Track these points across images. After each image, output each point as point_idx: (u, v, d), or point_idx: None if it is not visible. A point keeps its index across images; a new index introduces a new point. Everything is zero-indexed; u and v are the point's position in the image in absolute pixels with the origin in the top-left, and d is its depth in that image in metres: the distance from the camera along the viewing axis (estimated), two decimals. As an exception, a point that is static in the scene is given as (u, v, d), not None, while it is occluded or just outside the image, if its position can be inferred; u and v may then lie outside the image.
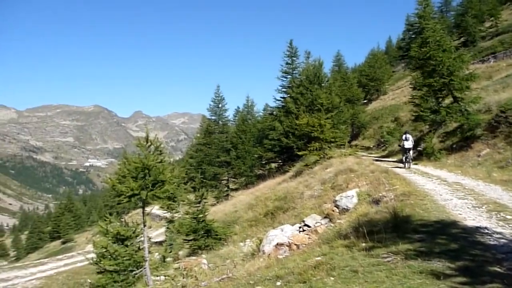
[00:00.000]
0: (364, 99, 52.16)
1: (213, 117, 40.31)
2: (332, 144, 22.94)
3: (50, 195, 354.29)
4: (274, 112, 36.13)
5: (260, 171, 38.41)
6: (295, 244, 9.82)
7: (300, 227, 11.42)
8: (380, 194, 10.88)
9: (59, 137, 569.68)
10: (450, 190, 10.99)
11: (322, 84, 28.46)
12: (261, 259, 9.69)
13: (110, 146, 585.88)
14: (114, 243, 9.99)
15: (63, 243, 63.98)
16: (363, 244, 6.46)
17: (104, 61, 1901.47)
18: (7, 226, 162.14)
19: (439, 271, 4.78)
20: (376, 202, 10.33)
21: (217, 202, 34.30)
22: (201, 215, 17.17)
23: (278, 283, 5.70)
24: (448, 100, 21.95)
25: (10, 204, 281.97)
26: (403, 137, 19.93)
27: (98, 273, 13.46)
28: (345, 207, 11.19)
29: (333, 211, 11.42)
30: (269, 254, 9.95)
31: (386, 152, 28.72)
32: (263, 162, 37.42)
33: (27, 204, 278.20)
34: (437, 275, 4.67)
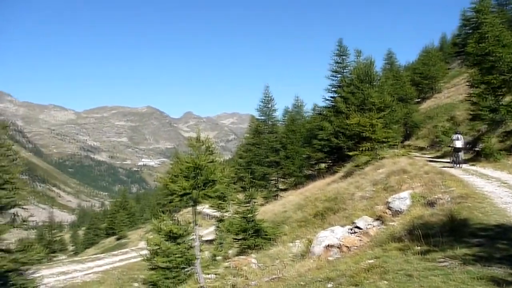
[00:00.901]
0: (418, 98, 50.52)
1: (262, 117, 40.39)
2: (384, 144, 22.39)
3: (105, 193, 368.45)
4: (324, 112, 35.72)
5: (309, 171, 38.13)
6: (346, 246, 9.67)
7: (351, 229, 11.23)
8: (435, 196, 10.51)
9: (114, 137, 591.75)
10: (511, 193, 10.45)
11: (374, 83, 27.80)
12: (311, 260, 9.61)
13: (162, 146, 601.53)
14: (167, 240, 10.23)
15: (118, 239, 66.10)
16: (418, 248, 6.27)
17: (156, 63, 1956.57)
18: (66, 222, 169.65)
19: (500, 278, 4.55)
20: (431, 204, 9.99)
21: (266, 202, 34.35)
22: (250, 215, 17.25)
23: (329, 285, 5.64)
24: (508, 98, 20.87)
25: (69, 201, 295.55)
26: (454, 137, 19.35)
27: (151, 269, 13.85)
28: (398, 209, 10.90)
29: (385, 213, 11.16)
30: (319, 256, 9.85)
31: (441, 152, 27.69)
32: (312, 163, 37.12)
33: (84, 201, 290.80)
34: (498, 281, 4.45)
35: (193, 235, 10.38)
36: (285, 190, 37.86)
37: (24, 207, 14.27)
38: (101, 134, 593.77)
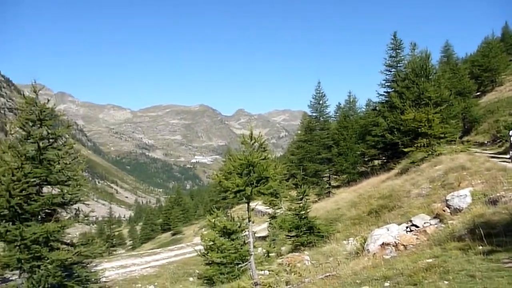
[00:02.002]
0: (477, 91, 48.25)
1: (314, 114, 40.08)
2: (441, 140, 21.60)
3: (161, 190, 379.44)
4: (377, 108, 34.97)
5: (363, 168, 37.43)
6: (402, 245, 9.43)
7: (407, 227, 10.93)
8: (498, 194, 10.02)
9: (168, 135, 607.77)
10: None
11: (430, 77, 26.87)
12: (365, 258, 9.46)
13: (215, 143, 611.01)
14: (221, 236, 10.41)
15: (173, 234, 67.81)
16: (480, 247, 6.01)
17: (209, 62, 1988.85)
18: (124, 217, 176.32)
19: None
20: (493, 202, 9.54)
21: (319, 199, 34.10)
22: (303, 212, 17.20)
23: (386, 284, 5.52)
24: None
25: (126, 197, 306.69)
26: (511, 132, 18.54)
27: (206, 264, 14.13)
28: (458, 207, 10.48)
29: (443, 211, 10.76)
30: (374, 254, 9.67)
31: (503, 148, 26.34)
32: (366, 159, 36.43)
33: (140, 198, 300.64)
34: None
35: (246, 231, 10.49)
36: (337, 187, 37.43)
37: (86, 202, 14.89)
38: (156, 132, 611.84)
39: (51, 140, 13.81)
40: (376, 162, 36.21)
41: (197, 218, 77.93)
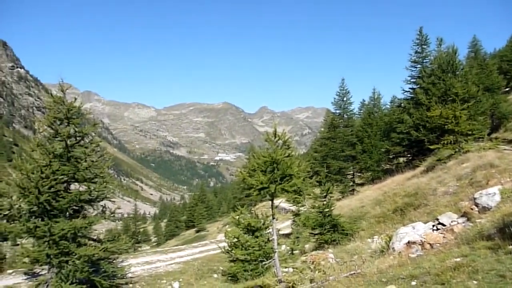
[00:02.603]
0: (506, 87, 46.98)
1: (337, 111, 39.70)
2: (468, 137, 21.13)
3: (185, 187, 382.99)
4: (402, 104, 34.47)
5: (387, 165, 36.94)
6: (429, 243, 9.27)
7: (433, 226, 10.75)
8: (529, 192, 9.76)
9: (192, 133, 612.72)
10: None
11: (457, 73, 26.30)
12: (391, 257, 9.35)
13: (238, 141, 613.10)
14: (245, 233, 10.44)
15: (197, 231, 68.32)
16: (511, 247, 5.85)
17: (232, 60, 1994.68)
18: (148, 214, 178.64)
19: None
20: (524, 201, 9.29)
21: (343, 197, 33.83)
22: (327, 210, 17.10)
23: (413, 283, 5.44)
24: None
25: (151, 194, 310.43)
26: None
27: (230, 261, 14.20)
28: (486, 206, 10.25)
29: (471, 209, 10.54)
30: (400, 252, 9.54)
31: (534, 145, 25.62)
32: (391, 157, 35.95)
33: (165, 195, 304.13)
34: None
35: (270, 228, 10.49)
36: (361, 185, 37.05)
37: (112, 200, 15.14)
38: (180, 130, 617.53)
39: (78, 138, 14.09)
40: (401, 159, 35.70)
41: (221, 215, 78.37)
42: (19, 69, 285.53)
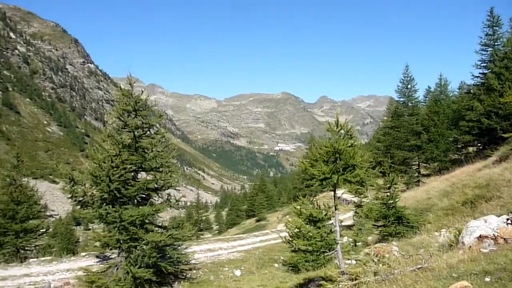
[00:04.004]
0: None
1: (401, 99, 38.41)
2: (547, 125, 19.74)
3: (245, 177, 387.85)
4: (472, 90, 32.68)
5: (455, 155, 35.29)
6: (502, 238, 8.76)
7: (507, 219, 10.13)
8: None
9: (252, 123, 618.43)
10: None
11: (533, 56, 24.60)
12: (460, 251, 8.94)
13: (298, 131, 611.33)
14: (307, 224, 10.36)
15: (257, 221, 69.00)
16: None
17: (291, 50, 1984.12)
18: (210, 203, 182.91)
19: None
20: None
21: (407, 188, 32.81)
22: (391, 201, 16.66)
23: (487, 279, 5.17)
24: None
25: (213, 183, 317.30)
26: None
27: (292, 251, 14.22)
28: None
29: (551, 202, 9.85)
30: (470, 247, 9.10)
31: None
32: (459, 146, 34.28)
33: (226, 184, 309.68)
34: None
35: (333, 219, 10.36)
36: (427, 175, 35.73)
37: (176, 188, 15.64)
38: (240, 121, 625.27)
39: (145, 129, 14.65)
40: (470, 149, 33.95)
41: (281, 205, 78.60)
42: (89, 64, 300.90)
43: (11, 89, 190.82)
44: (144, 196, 14.64)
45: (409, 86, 36.99)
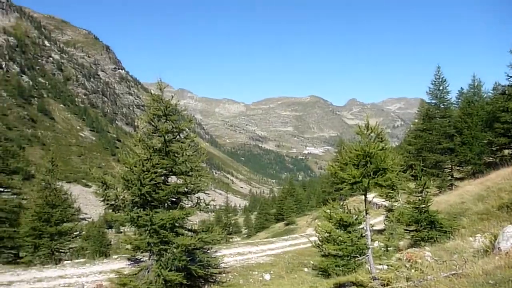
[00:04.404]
0: None
1: (433, 101, 37.62)
2: None
3: (274, 180, 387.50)
4: (507, 91, 31.72)
5: (490, 158, 34.29)
6: (542, 244, 8.48)
7: (547, 225, 9.81)
8: None
9: (280, 127, 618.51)
10: None
11: None
12: (496, 258, 8.68)
13: (326, 134, 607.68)
14: (337, 228, 10.27)
15: (286, 225, 68.69)
16: None
17: (319, 53, 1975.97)
18: (239, 206, 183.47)
19: None
20: None
21: (440, 192, 32.09)
22: (423, 205, 16.33)
23: (527, 287, 5.00)
24: None
25: (241, 187, 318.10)
26: None
27: (322, 256, 14.11)
28: None
29: None
30: (507, 253, 8.82)
31: None
32: (494, 149, 33.29)
33: (254, 188, 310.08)
34: None
35: (363, 224, 10.23)
36: (461, 179, 34.88)
37: (206, 192, 15.75)
38: (268, 124, 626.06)
39: (175, 134, 14.83)
40: (506, 151, 32.96)
41: (310, 209, 78.08)
42: (120, 70, 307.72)
43: (46, 95, 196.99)
44: (174, 199, 14.80)
45: (441, 88, 36.25)
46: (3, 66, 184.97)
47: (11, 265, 21.48)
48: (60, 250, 24.00)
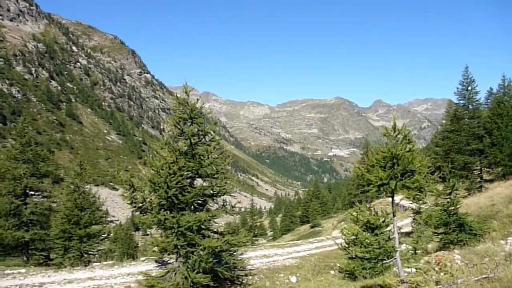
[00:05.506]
0: None
1: (461, 102, 36.82)
2: None
3: (299, 183, 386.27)
4: (539, 91, 30.95)
5: (521, 160, 33.45)
6: None
7: None
8: None
9: (305, 129, 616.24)
10: None
11: None
12: (529, 261, 8.47)
13: (352, 136, 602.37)
14: (364, 231, 10.18)
15: (312, 227, 68.29)
16: None
17: (344, 55, 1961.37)
18: (264, 209, 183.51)
19: None
20: None
21: (469, 194, 31.40)
22: (452, 208, 16.02)
23: (561, 292, 4.86)
24: None
25: (266, 189, 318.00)
26: None
27: (349, 258, 14.00)
28: None
29: None
30: (540, 256, 8.60)
31: None
32: (526, 150, 32.48)
33: (280, 190, 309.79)
34: None
35: (391, 226, 10.12)
36: (491, 181, 34.05)
37: (232, 194, 15.82)
38: (293, 127, 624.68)
39: (200, 137, 14.96)
40: (538, 153, 32.05)
41: (335, 212, 77.55)
42: (146, 74, 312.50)
43: (74, 100, 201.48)
44: (200, 202, 14.92)
45: (469, 88, 35.47)
46: (33, 72, 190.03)
47: (42, 267, 22.03)
48: (89, 252, 24.45)
